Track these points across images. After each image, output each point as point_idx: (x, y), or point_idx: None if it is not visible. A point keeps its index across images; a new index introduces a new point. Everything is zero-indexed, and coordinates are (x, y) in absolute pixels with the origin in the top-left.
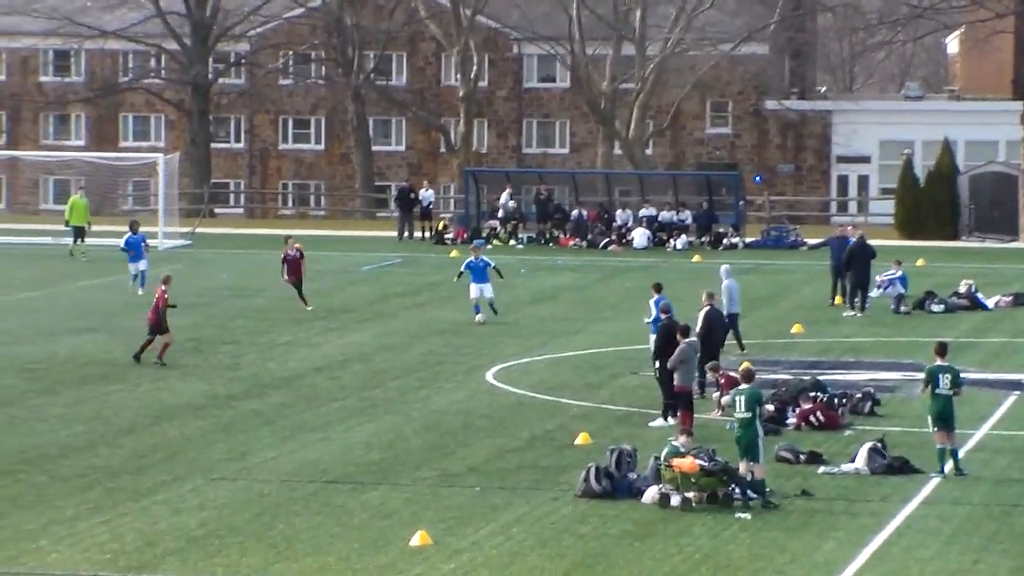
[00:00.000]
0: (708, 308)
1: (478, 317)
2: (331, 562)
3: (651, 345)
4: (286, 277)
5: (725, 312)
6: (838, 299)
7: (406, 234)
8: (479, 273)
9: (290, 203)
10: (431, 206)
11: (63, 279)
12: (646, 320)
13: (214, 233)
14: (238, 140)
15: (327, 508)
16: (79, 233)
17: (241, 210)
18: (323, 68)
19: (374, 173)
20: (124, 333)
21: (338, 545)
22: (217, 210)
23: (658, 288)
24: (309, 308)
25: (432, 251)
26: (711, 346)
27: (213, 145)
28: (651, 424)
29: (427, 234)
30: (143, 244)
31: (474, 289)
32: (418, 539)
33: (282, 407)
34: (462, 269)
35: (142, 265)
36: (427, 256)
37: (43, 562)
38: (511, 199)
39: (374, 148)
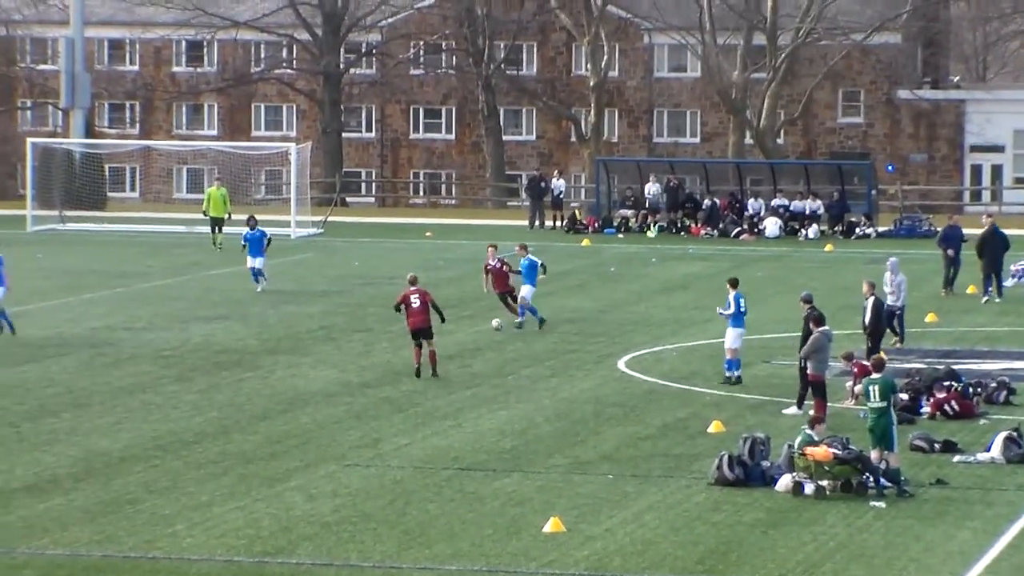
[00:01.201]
0: (874, 298)
1: (517, 320)
2: (464, 548)
3: (729, 341)
4: (488, 288)
5: (899, 303)
6: (971, 287)
7: (537, 223)
8: (529, 273)
9: (421, 192)
10: (562, 195)
11: (195, 267)
12: (720, 311)
13: (346, 222)
14: (369, 129)
15: (460, 495)
16: (217, 224)
17: (372, 199)
18: (454, 58)
19: (505, 162)
20: (255, 321)
21: (471, 532)
22: (349, 199)
23: (734, 283)
24: (519, 320)
25: (563, 240)
26: (878, 335)
27: (344, 134)
28: (784, 412)
29: (558, 223)
30: (264, 240)
31: (525, 290)
32: (551, 526)
33: (413, 394)
34: (519, 268)
35: (258, 263)
36: (558, 245)
37: (178, 547)
38: (655, 187)
39: (505, 137)
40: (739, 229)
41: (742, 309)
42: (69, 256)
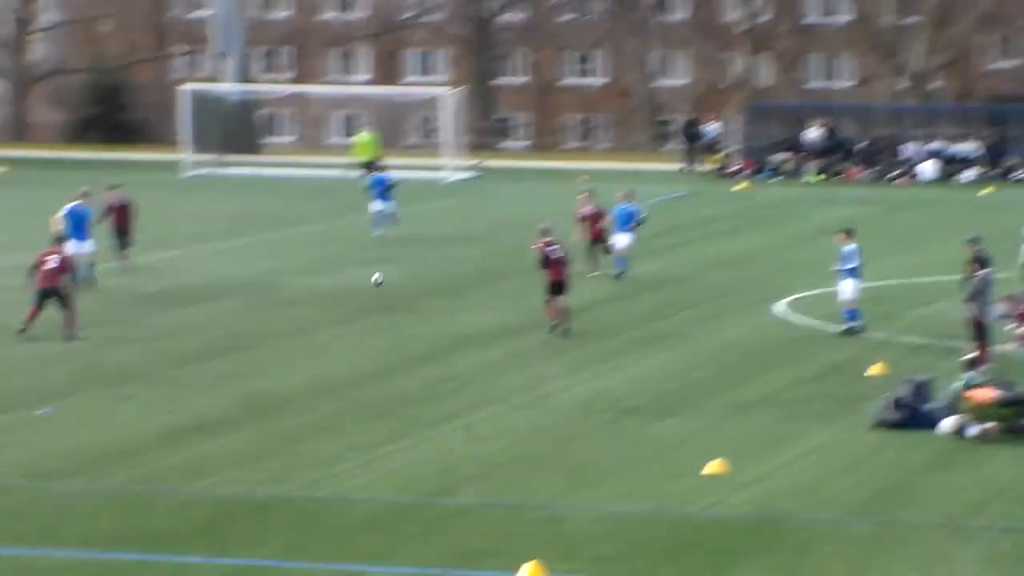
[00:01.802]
0: None
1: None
2: (627, 489)
3: (846, 293)
4: (583, 237)
5: None
6: None
7: (691, 167)
8: (624, 220)
9: (574, 137)
10: (715, 140)
11: (352, 211)
12: (836, 268)
13: (499, 166)
14: (521, 74)
15: (622, 436)
16: (368, 168)
17: (525, 144)
18: (605, 2)
19: (658, 107)
20: (415, 263)
21: (633, 473)
22: (502, 144)
23: (849, 234)
24: (617, 272)
25: (717, 183)
26: None
27: (497, 80)
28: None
29: (711, 167)
30: (387, 184)
31: (620, 239)
32: (712, 467)
33: (575, 337)
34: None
35: (382, 206)
36: (712, 189)
37: (342, 487)
38: (813, 132)
39: (656, 83)
40: (895, 173)
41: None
42: (225, 201)
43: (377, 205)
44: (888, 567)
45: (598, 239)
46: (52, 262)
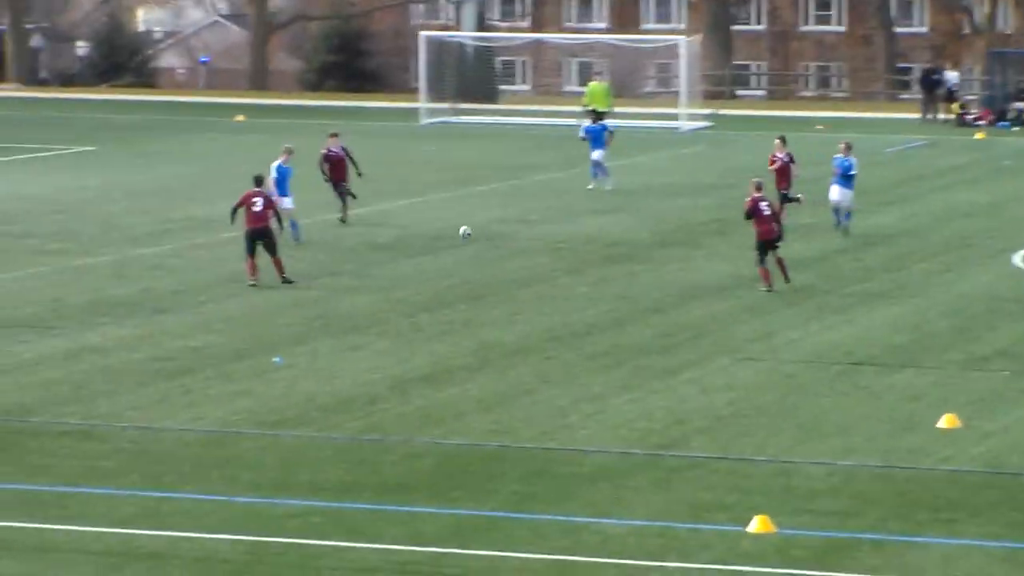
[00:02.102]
0: None
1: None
2: (858, 443)
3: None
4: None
5: None
6: None
7: (929, 116)
8: (842, 178)
9: (811, 85)
10: (955, 88)
11: (587, 160)
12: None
13: (735, 115)
14: (759, 22)
15: (853, 389)
16: (599, 117)
17: (762, 92)
18: None
19: (896, 55)
20: (648, 213)
21: (865, 426)
22: (738, 92)
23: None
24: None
25: (955, 133)
26: None
27: (734, 27)
28: None
29: (950, 116)
30: (606, 133)
31: (835, 192)
32: (946, 421)
33: (805, 288)
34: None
35: (596, 155)
36: (951, 138)
37: (572, 438)
38: None
39: (896, 29)
40: None
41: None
42: (461, 149)
43: (596, 155)
44: None
45: (784, 188)
46: (258, 204)
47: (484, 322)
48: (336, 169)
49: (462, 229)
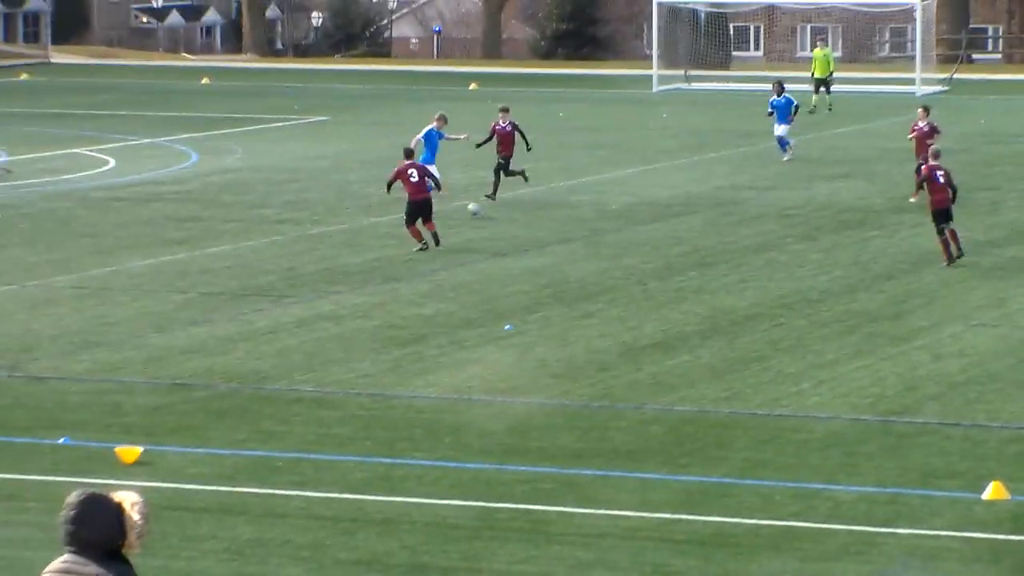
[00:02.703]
0: None
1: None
2: None
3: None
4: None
5: None
6: None
7: None
8: None
9: None
10: None
11: (817, 127)
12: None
13: (971, 79)
14: None
15: None
16: (822, 84)
17: (999, 55)
18: None
19: None
20: (881, 179)
21: None
22: (975, 56)
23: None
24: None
25: None
26: None
27: None
28: None
29: None
30: (792, 108)
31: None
32: None
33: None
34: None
35: (780, 130)
36: None
37: (803, 405)
38: None
39: None
40: None
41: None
42: (694, 115)
43: (779, 129)
44: None
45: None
46: (414, 175)
47: (715, 289)
48: (504, 144)
49: (471, 206)
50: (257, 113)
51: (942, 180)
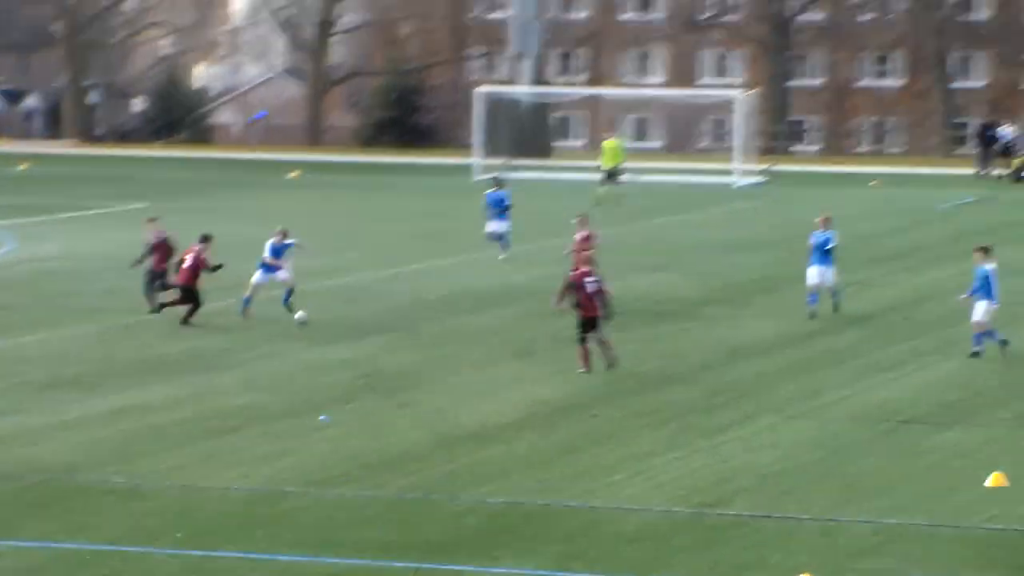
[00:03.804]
0: None
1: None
2: (904, 502)
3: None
4: None
5: None
6: None
7: (984, 171)
8: (820, 255)
9: (866, 141)
10: (1012, 143)
11: (642, 216)
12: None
13: (789, 171)
14: (815, 76)
15: (900, 448)
16: (611, 175)
17: (816, 148)
18: (906, 1)
19: (953, 109)
20: (698, 270)
21: (911, 486)
22: (792, 148)
23: (986, 252)
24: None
25: (1010, 189)
26: None
27: (791, 83)
28: None
29: (1007, 172)
30: (505, 203)
31: (813, 273)
32: (993, 480)
33: (855, 346)
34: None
35: (498, 227)
36: (1005, 194)
37: (617, 496)
38: None
39: (953, 85)
40: None
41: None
42: (514, 205)
43: (492, 225)
44: None
45: None
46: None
47: (533, 379)
48: (158, 257)
49: (298, 314)
50: (75, 199)
51: (592, 288)
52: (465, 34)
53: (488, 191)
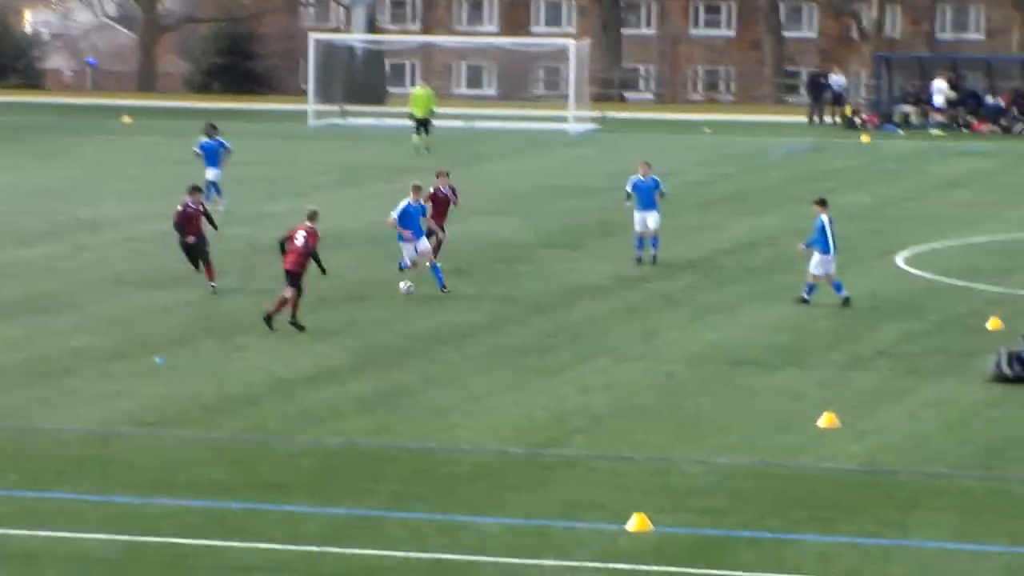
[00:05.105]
0: None
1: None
2: (736, 442)
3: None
4: None
5: None
6: None
7: (816, 119)
8: (646, 196)
9: (699, 89)
10: (842, 92)
11: (476, 162)
12: (801, 246)
13: (623, 118)
14: (648, 26)
15: (733, 389)
16: (422, 124)
17: (650, 95)
18: None
19: (784, 59)
20: (533, 215)
21: (743, 425)
22: (627, 95)
23: (822, 204)
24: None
25: (842, 136)
26: None
27: (624, 31)
28: None
29: (837, 119)
30: (222, 150)
31: (639, 219)
32: (825, 420)
33: (688, 289)
34: (628, 189)
35: (212, 175)
36: (837, 141)
37: (453, 438)
38: (942, 84)
39: (785, 34)
40: (1022, 125)
41: (828, 236)
42: (348, 151)
43: (211, 173)
44: (1000, 523)
45: None
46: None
47: (368, 323)
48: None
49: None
50: None
51: (300, 243)
52: None
53: (202, 139)
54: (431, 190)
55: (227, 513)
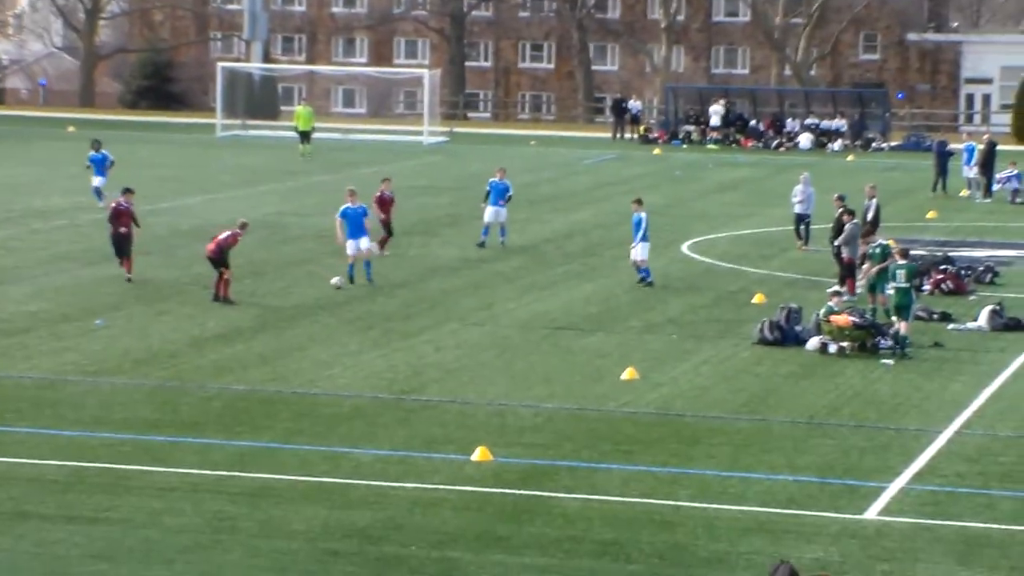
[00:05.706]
0: (876, 197)
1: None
2: (558, 391)
3: (637, 254)
4: None
5: (808, 212)
6: (963, 191)
7: (618, 136)
8: (496, 198)
9: (526, 110)
10: (639, 114)
11: (348, 167)
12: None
13: (467, 132)
14: (486, 60)
15: (555, 349)
16: (305, 136)
17: (488, 115)
18: (554, 3)
19: (593, 87)
20: (398, 210)
21: (564, 378)
22: (469, 114)
23: (639, 203)
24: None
25: (639, 149)
26: (876, 225)
27: (467, 64)
28: (829, 291)
29: (635, 136)
30: (106, 162)
31: (489, 212)
32: (627, 374)
33: (520, 269)
34: (487, 188)
35: (96, 182)
36: (635, 153)
37: (333, 385)
38: (717, 109)
39: (593, 68)
40: (778, 142)
41: (644, 229)
42: (249, 156)
43: (98, 180)
44: (761, 455)
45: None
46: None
47: (266, 293)
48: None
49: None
50: None
51: (221, 236)
52: (208, 20)
53: (91, 153)
54: (378, 193)
55: (153, 444)
